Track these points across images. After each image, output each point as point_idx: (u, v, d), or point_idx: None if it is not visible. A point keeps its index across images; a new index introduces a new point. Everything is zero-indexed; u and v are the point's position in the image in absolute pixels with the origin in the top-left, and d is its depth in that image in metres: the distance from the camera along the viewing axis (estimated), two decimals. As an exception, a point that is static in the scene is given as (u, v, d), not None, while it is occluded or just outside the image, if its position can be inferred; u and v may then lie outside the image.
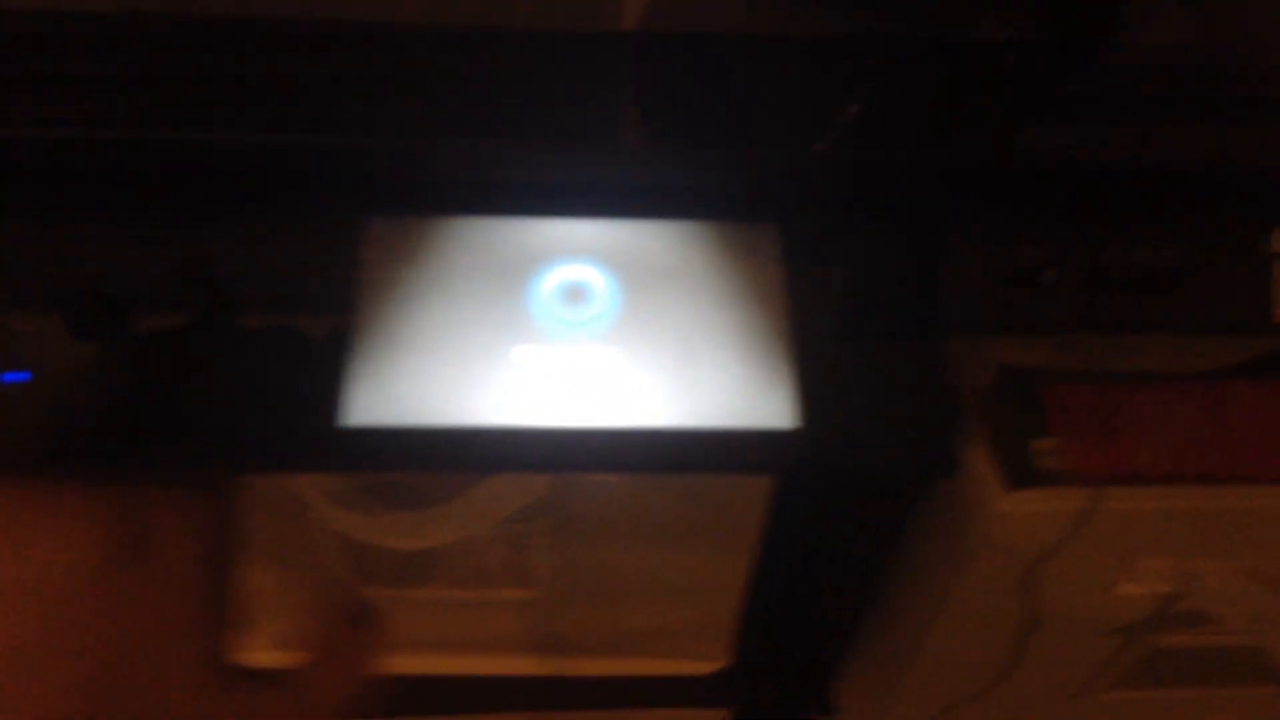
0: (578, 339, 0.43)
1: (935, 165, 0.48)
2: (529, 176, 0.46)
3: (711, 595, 0.92)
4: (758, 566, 0.86)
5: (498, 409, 0.41)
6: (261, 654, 0.70)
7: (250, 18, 0.47)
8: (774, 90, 0.49)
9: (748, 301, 0.44)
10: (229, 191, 0.46)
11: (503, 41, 0.48)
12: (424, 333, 0.42)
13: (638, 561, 0.85)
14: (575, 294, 0.44)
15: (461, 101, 0.46)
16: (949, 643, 0.83)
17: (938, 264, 0.47)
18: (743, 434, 0.41)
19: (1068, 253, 0.47)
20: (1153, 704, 0.93)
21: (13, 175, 0.47)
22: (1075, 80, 0.50)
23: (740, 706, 1.05)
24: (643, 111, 0.48)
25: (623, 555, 0.84)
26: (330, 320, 0.42)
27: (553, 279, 0.44)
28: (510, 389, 0.41)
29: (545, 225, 0.45)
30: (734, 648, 1.00)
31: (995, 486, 0.67)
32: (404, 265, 0.43)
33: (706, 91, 0.48)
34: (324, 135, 0.43)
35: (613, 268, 0.44)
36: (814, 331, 0.44)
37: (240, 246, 0.45)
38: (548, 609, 0.93)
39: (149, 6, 0.47)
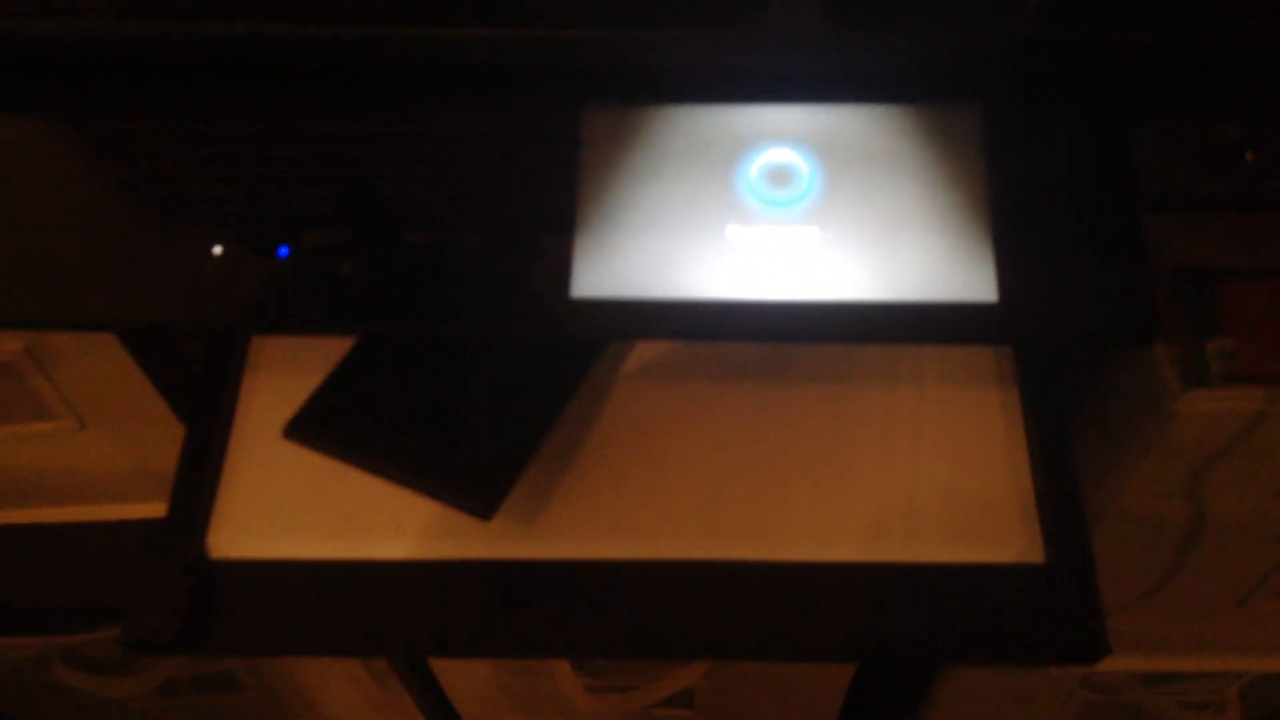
0: (785, 219, 0.45)
1: (1133, 39, 0.48)
2: (729, 63, 0.48)
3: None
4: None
5: (715, 284, 0.44)
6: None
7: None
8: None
9: (947, 181, 0.45)
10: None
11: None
12: (643, 213, 0.45)
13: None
14: (781, 176, 0.46)
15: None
16: (1111, 546, 0.84)
17: (1131, 141, 0.47)
18: (947, 306, 0.43)
19: (1268, 133, 0.47)
20: (1320, 613, 0.92)
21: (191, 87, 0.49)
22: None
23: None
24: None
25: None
26: (556, 203, 0.45)
27: (759, 162, 0.46)
28: (725, 265, 0.44)
29: (751, 111, 0.47)
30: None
31: (1170, 385, 0.67)
32: (620, 151, 0.46)
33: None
34: (545, 29, 0.45)
35: (816, 151, 0.46)
36: (1012, 208, 0.45)
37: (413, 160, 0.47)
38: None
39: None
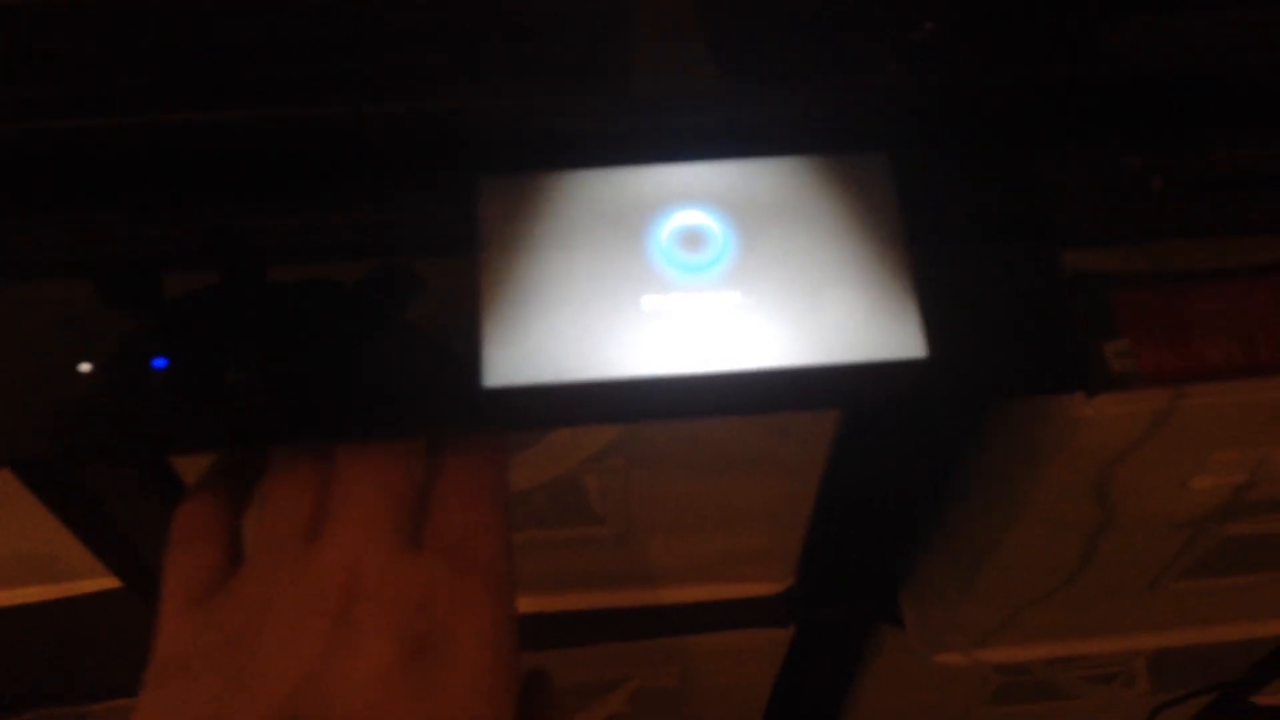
0: (703, 284, 0.43)
1: (1021, 78, 0.47)
2: (623, 126, 0.45)
3: (778, 519, 0.93)
4: (825, 486, 0.87)
5: (635, 360, 0.41)
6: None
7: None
8: (845, 16, 0.48)
9: (864, 232, 0.44)
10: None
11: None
12: (553, 290, 0.42)
13: (708, 492, 0.86)
14: (694, 239, 0.44)
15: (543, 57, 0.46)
16: (1021, 547, 0.85)
17: (1043, 175, 0.47)
18: (876, 366, 0.42)
19: (1173, 159, 0.47)
20: (1222, 591, 0.95)
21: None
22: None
23: (805, 623, 1.07)
24: (715, 51, 0.47)
25: (693, 487, 0.85)
26: (458, 286, 0.42)
27: (670, 226, 0.44)
28: (645, 339, 0.41)
29: (655, 172, 0.45)
30: (799, 567, 1.02)
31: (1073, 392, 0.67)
32: (523, 224, 0.43)
33: (778, 24, 0.47)
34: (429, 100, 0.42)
35: (726, 210, 0.44)
36: (932, 257, 0.44)
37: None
38: (615, 544, 0.94)
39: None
